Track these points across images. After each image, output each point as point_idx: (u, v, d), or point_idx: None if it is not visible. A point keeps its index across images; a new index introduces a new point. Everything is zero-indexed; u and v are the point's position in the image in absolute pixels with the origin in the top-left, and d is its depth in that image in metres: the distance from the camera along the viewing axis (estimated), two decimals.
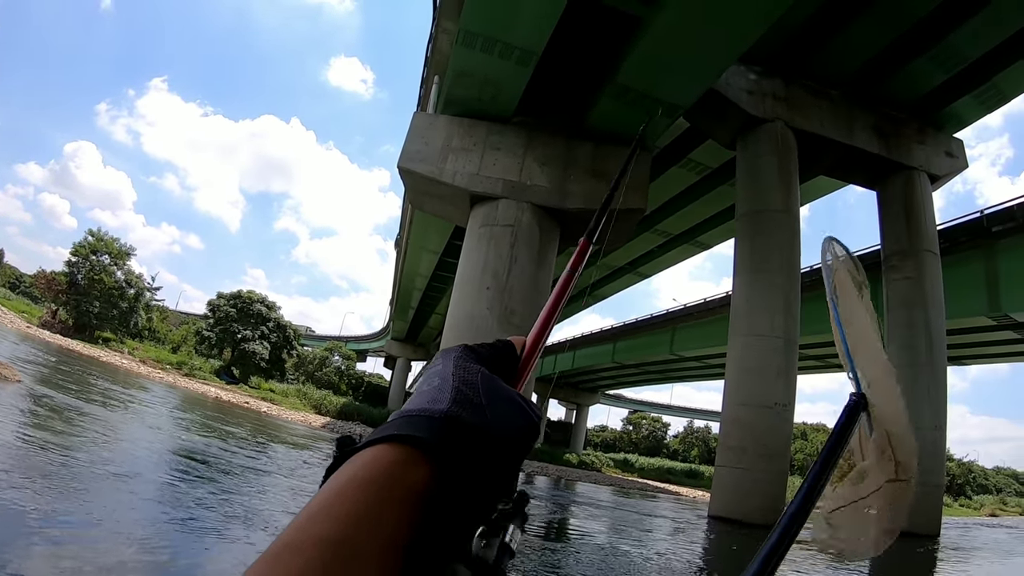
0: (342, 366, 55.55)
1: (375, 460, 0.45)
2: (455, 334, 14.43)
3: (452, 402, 0.50)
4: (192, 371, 39.63)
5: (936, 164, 18.12)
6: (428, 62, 17.17)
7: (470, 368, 0.55)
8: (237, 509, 7.90)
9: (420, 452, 0.45)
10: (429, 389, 0.53)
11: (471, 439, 0.48)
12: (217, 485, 9.45)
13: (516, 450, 0.51)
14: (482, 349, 0.61)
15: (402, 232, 32.88)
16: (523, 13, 12.64)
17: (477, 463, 0.47)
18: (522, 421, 0.52)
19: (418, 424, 0.47)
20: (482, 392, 0.52)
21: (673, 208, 23.99)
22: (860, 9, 14.50)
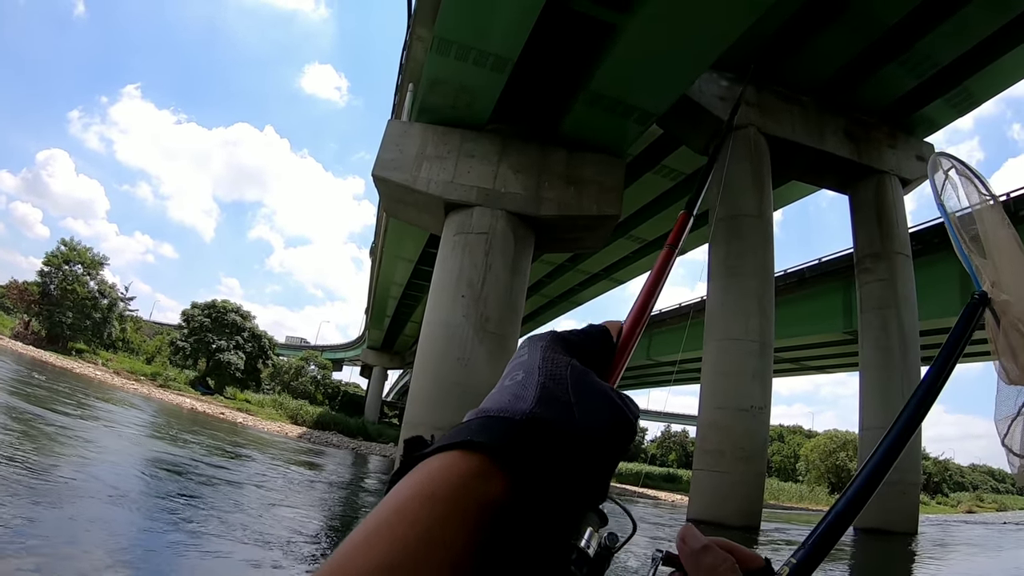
0: (318, 375, 55.40)
1: (443, 471, 0.40)
2: (430, 342, 14.40)
3: (536, 401, 0.45)
4: (167, 382, 39.34)
5: (907, 168, 18.32)
6: (403, 69, 17.15)
7: (558, 360, 0.51)
8: (214, 524, 7.83)
9: (496, 461, 0.41)
10: (512, 384, 0.49)
11: (557, 445, 0.43)
12: (194, 498, 9.37)
13: (609, 454, 0.46)
14: (574, 336, 0.57)
15: (377, 240, 32.78)
16: (497, 20, 12.64)
17: (563, 473, 0.42)
18: (617, 420, 0.47)
19: (496, 428, 0.43)
20: (571, 388, 0.47)
21: (648, 214, 24.07)
22: (831, 17, 14.66)
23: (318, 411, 44.46)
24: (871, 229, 17.52)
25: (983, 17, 14.38)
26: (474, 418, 0.45)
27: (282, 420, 39.48)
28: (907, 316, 16.56)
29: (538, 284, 33.92)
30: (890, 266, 16.93)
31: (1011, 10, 14.23)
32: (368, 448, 35.73)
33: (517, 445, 0.41)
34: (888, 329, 16.51)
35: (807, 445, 57.15)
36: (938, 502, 56.03)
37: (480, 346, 13.90)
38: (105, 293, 43.51)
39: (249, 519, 8.56)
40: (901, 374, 15.93)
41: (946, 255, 19.99)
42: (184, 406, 33.37)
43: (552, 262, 30.49)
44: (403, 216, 17.10)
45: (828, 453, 52.65)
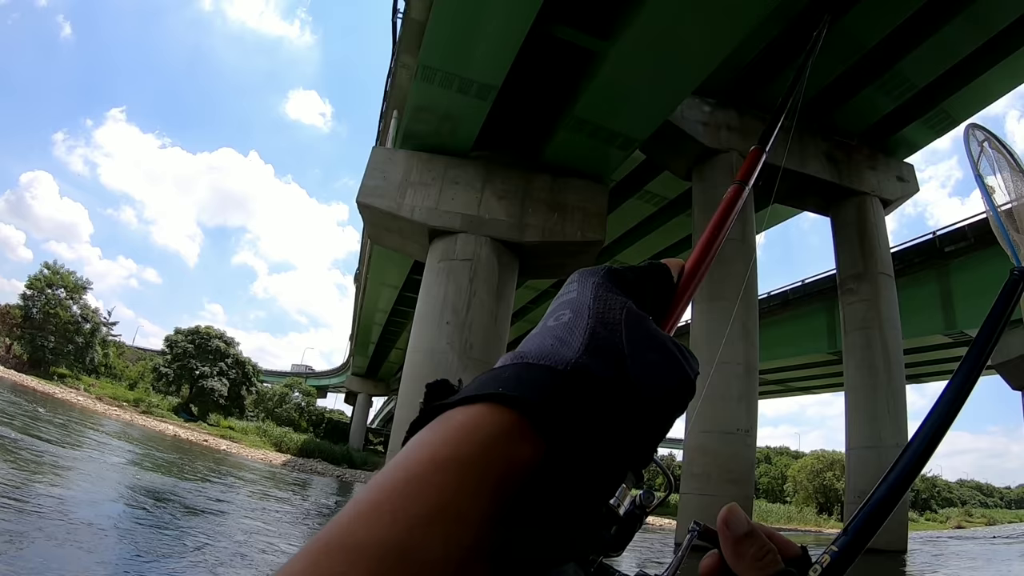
0: (302, 402, 54.77)
1: (466, 429, 0.35)
2: (415, 369, 14.34)
3: (584, 349, 0.39)
4: (149, 408, 38.88)
5: (888, 189, 18.53)
6: (387, 96, 17.22)
7: (612, 301, 0.44)
8: (197, 555, 7.69)
9: (531, 421, 0.35)
10: (557, 325, 0.43)
11: (605, 404, 0.37)
12: (176, 529, 9.22)
13: (663, 416, 0.40)
14: (630, 274, 0.50)
15: (361, 267, 32.75)
16: (481, 48, 12.75)
17: (609, 437, 0.37)
18: (675, 378, 0.41)
19: (535, 380, 0.37)
20: (626, 336, 0.41)
21: (631, 239, 24.16)
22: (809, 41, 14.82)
23: (302, 438, 44.02)
24: (853, 250, 17.67)
25: (961, 37, 14.64)
26: (508, 363, 0.40)
27: (266, 447, 39.01)
28: (891, 336, 16.66)
29: (523, 310, 33.88)
30: (873, 287, 17.05)
31: (989, 29, 14.50)
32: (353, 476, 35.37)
33: (558, 402, 0.36)
34: (872, 349, 16.60)
35: (794, 466, 57.18)
36: (927, 518, 56.05)
37: (465, 373, 13.81)
38: (88, 318, 43.15)
39: (234, 550, 8.42)
40: (886, 393, 16.02)
41: (928, 275, 20.27)
42: (167, 433, 32.99)
43: (537, 288, 30.53)
44: (387, 243, 17.08)
45: (815, 473, 52.60)
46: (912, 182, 19.45)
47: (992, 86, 16.70)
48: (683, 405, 0.42)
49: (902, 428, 15.97)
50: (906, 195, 19.28)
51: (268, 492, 17.62)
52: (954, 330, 20.88)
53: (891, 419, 15.80)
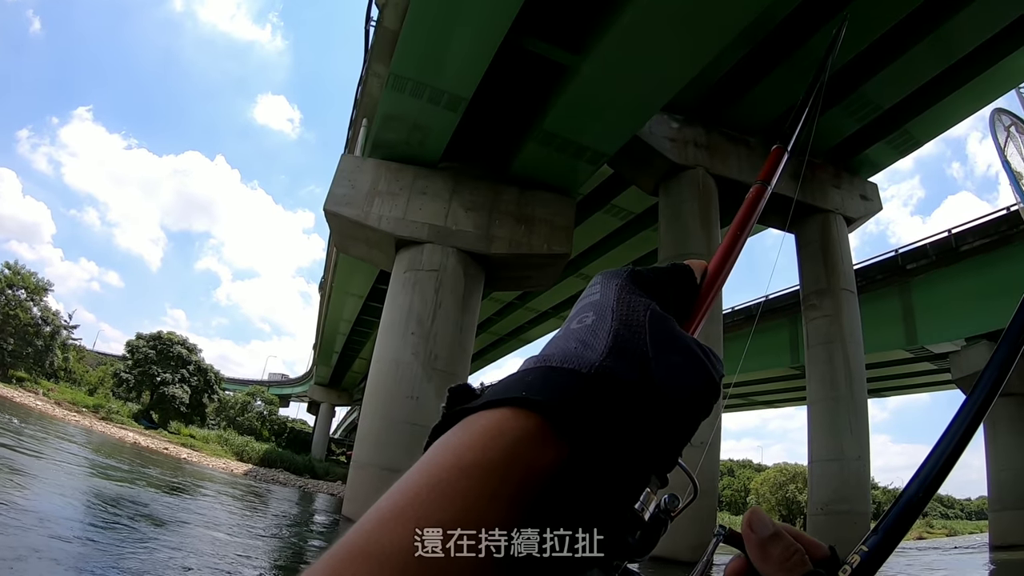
0: (264, 411, 54.07)
1: (490, 434, 0.35)
2: (379, 380, 14.23)
3: (608, 351, 0.39)
4: (109, 415, 37.96)
5: (851, 207, 18.83)
6: (357, 104, 17.14)
7: (636, 302, 0.44)
8: (159, 567, 7.52)
9: (554, 426, 0.35)
10: (580, 328, 0.43)
11: (630, 408, 0.37)
12: (137, 539, 9.01)
13: (688, 419, 0.40)
14: (653, 275, 0.50)
15: (326, 275, 32.53)
16: (453, 59, 12.81)
17: (634, 440, 0.36)
18: (700, 380, 0.41)
19: (558, 383, 0.37)
20: (650, 337, 0.41)
21: (597, 252, 24.27)
22: (778, 61, 15.06)
23: (264, 448, 43.37)
24: (817, 267, 17.91)
25: (926, 60, 14.94)
26: (532, 367, 0.39)
27: (227, 456, 38.39)
28: (853, 351, 16.87)
29: (487, 322, 33.88)
30: (835, 302, 17.28)
31: (953, 54, 14.83)
32: (315, 486, 34.96)
33: (582, 406, 0.36)
34: (834, 364, 16.80)
35: (757, 479, 57.88)
36: None
37: (429, 384, 13.78)
38: (48, 320, 42.12)
39: (193, 560, 8.26)
40: (848, 407, 16.21)
41: (890, 291, 20.63)
42: (127, 440, 32.32)
43: (501, 300, 30.55)
44: (354, 252, 16.98)
45: (778, 486, 53.35)
46: (875, 201, 19.79)
47: (955, 109, 17.05)
48: (709, 407, 0.42)
49: (863, 441, 16.19)
50: (869, 213, 19.61)
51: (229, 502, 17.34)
52: (915, 345, 21.26)
53: (852, 432, 16.01)
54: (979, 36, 14.34)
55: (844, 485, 15.55)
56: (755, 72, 15.71)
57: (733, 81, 16.19)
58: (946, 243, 19.54)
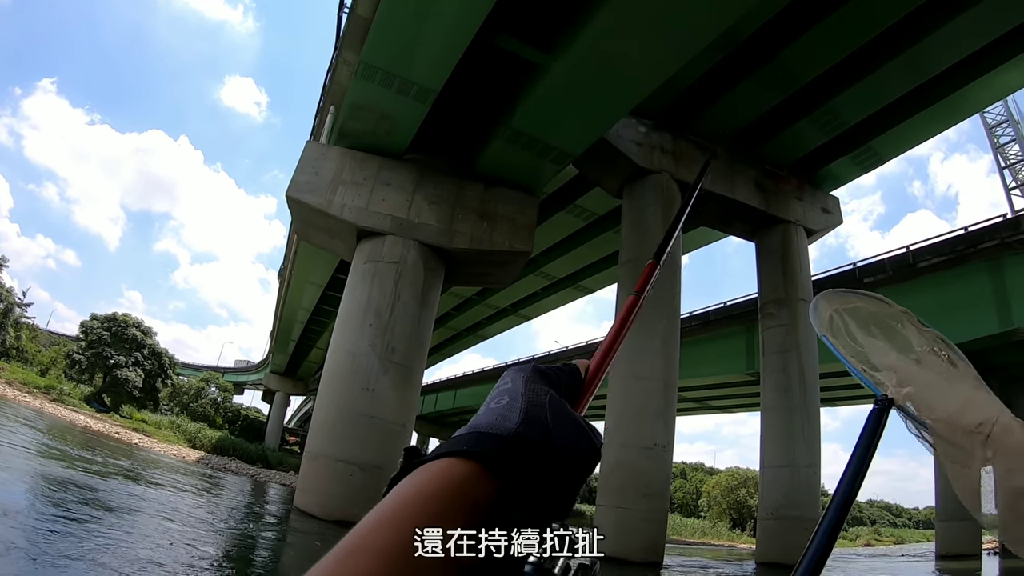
0: (218, 398, 53.02)
1: (442, 473, 0.46)
2: (335, 370, 14.12)
3: (521, 422, 0.51)
4: (61, 396, 36.70)
5: (813, 219, 19.12)
6: (326, 91, 16.94)
7: (539, 390, 0.56)
8: (105, 555, 7.33)
9: (487, 469, 0.46)
10: (499, 407, 0.54)
11: (537, 459, 0.48)
12: (82, 524, 8.78)
13: (578, 473, 0.51)
14: (551, 371, 0.62)
15: (286, 263, 32.20)
16: (424, 51, 12.73)
17: (541, 483, 0.48)
18: (586, 445, 0.53)
19: (488, 441, 0.48)
20: (549, 414, 0.53)
21: (558, 252, 24.35)
22: (748, 72, 15.20)
23: (217, 435, 42.32)
24: (775, 276, 18.17)
25: (895, 79, 15.16)
26: (467, 433, 0.50)
27: (179, 443, 37.37)
28: (807, 360, 17.12)
29: (446, 316, 33.86)
30: (792, 312, 17.53)
31: (923, 74, 15.07)
32: (268, 476, 34.43)
33: (505, 457, 0.47)
34: (789, 372, 17.03)
35: (709, 482, 58.52)
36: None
37: (385, 376, 13.71)
38: (2, 297, 40.78)
39: (142, 549, 8.08)
40: (801, 415, 16.45)
41: None
42: (78, 423, 31.43)
43: (461, 295, 30.57)
44: (315, 240, 16.83)
45: (729, 490, 54.02)
46: (836, 214, 20.13)
47: (920, 129, 17.39)
48: (592, 468, 0.53)
49: (815, 449, 16.45)
50: (830, 226, 19.94)
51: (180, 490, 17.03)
52: None
53: (805, 440, 16.26)
54: (948, 59, 14.57)
55: (795, 491, 15.79)
56: (723, 83, 15.85)
57: (702, 90, 16.31)
58: (904, 259, 19.87)
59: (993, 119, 41.99)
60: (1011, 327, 17.24)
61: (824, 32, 13.77)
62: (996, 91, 16.51)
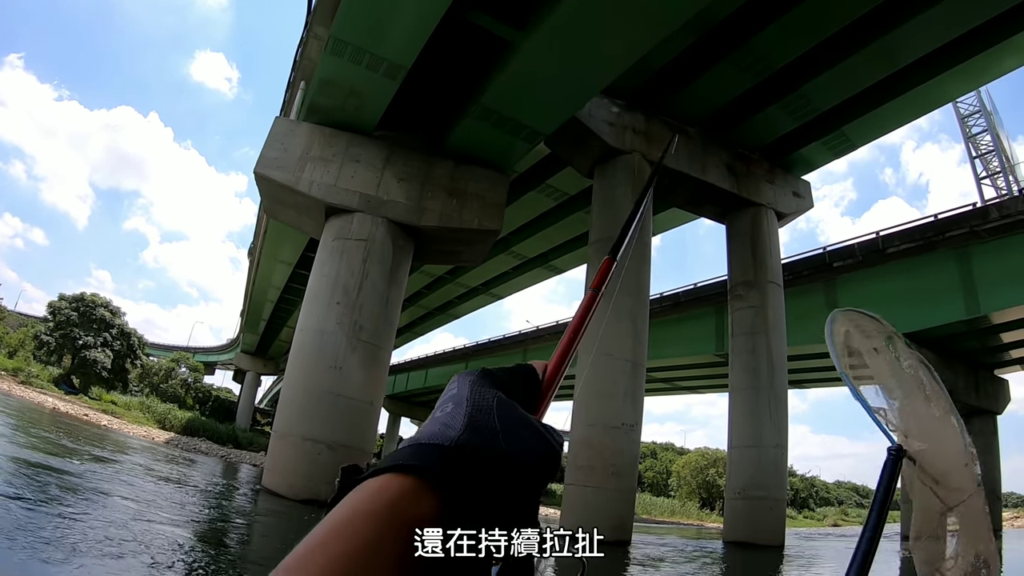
0: (189, 378, 52.52)
1: (379, 491, 0.42)
2: (303, 349, 14.03)
3: (464, 429, 0.48)
4: (29, 379, 36.12)
5: (783, 203, 19.26)
6: (296, 67, 16.71)
7: (485, 393, 0.53)
8: (72, 537, 7.20)
9: (427, 482, 0.43)
10: (442, 415, 0.51)
11: (483, 467, 0.45)
12: (50, 507, 8.63)
13: (533, 478, 0.48)
14: (500, 373, 0.59)
15: (256, 241, 31.89)
16: (396, 26, 12.58)
17: (488, 493, 0.45)
18: (540, 447, 0.50)
19: (426, 453, 0.45)
20: (497, 417, 0.50)
21: (529, 232, 24.36)
22: (722, 55, 15.20)
23: (187, 416, 41.86)
24: (745, 258, 18.31)
25: (868, 67, 15.24)
26: (406, 446, 0.47)
27: (149, 424, 37.03)
28: (776, 342, 17.32)
29: (417, 295, 33.85)
30: (761, 294, 17.70)
31: (895, 62, 15.17)
32: (238, 456, 34.23)
33: (446, 468, 0.44)
34: (757, 353, 17.22)
35: (679, 462, 59.17)
36: (805, 516, 59.11)
37: (353, 354, 13.65)
38: None
39: (112, 531, 7.97)
40: (768, 395, 16.67)
41: (816, 287, 21.23)
42: (46, 405, 30.99)
43: (432, 274, 30.52)
44: (283, 217, 16.65)
45: (699, 470, 54.73)
46: (807, 198, 20.31)
47: (892, 116, 17.56)
48: (552, 470, 0.50)
49: (782, 430, 16.69)
50: (800, 210, 20.12)
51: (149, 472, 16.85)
52: None
53: (772, 421, 16.49)
54: (922, 49, 14.68)
55: (761, 472, 16.00)
56: (697, 64, 15.85)
57: (676, 71, 16.29)
58: (874, 244, 20.09)
59: (966, 109, 42.45)
60: (977, 314, 17.55)
61: (797, 18, 13.81)
62: (968, 81, 16.70)
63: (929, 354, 20.98)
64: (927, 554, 1.15)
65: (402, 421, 60.10)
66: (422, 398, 54.82)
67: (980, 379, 23.55)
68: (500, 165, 16.31)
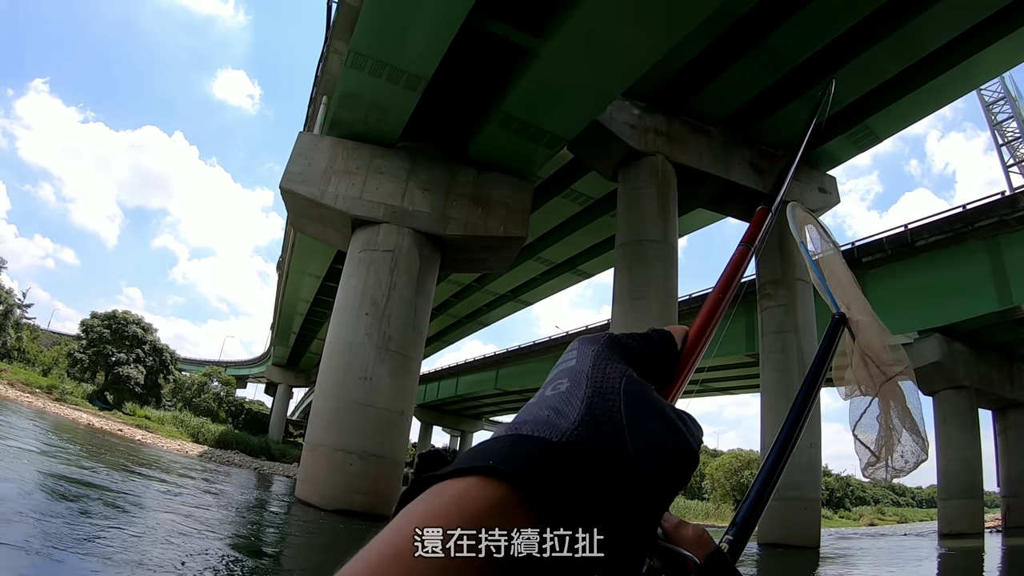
0: (221, 392, 53.11)
1: (454, 504, 0.32)
2: (333, 360, 14.13)
3: (580, 420, 0.37)
4: (63, 396, 36.69)
5: (810, 199, 19.02)
6: (318, 82, 16.91)
7: (611, 370, 0.43)
8: (110, 551, 7.32)
9: (523, 494, 0.33)
10: (554, 395, 0.41)
11: (601, 478, 0.35)
12: (89, 521, 8.79)
13: (664, 489, 0.37)
14: (632, 341, 0.50)
15: (284, 255, 32.21)
16: (414, 38, 12.70)
17: (606, 511, 0.34)
18: (675, 445, 0.39)
19: (526, 452, 0.35)
20: (624, 406, 0.39)
21: (555, 237, 24.30)
22: (741, 53, 15.09)
23: (220, 429, 42.52)
24: (773, 257, 18.09)
25: (889, 58, 15.02)
26: (503, 434, 0.37)
27: (183, 438, 37.60)
28: (805, 340, 17.11)
29: (445, 304, 33.83)
30: (790, 292, 17.50)
31: (916, 53, 14.92)
32: (271, 468, 34.61)
33: (550, 475, 0.34)
34: (787, 352, 17.03)
35: (712, 464, 58.60)
36: (841, 516, 58.31)
37: (382, 365, 13.72)
38: (1, 299, 40.67)
39: (147, 546, 8.08)
40: None
41: None
42: (80, 421, 31.53)
43: (459, 282, 30.50)
44: (309, 231, 16.81)
45: (733, 472, 54.21)
46: (833, 194, 20.04)
47: (915, 107, 17.27)
48: (686, 476, 0.39)
49: (815, 429, 16.47)
50: (827, 206, 19.85)
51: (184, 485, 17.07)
52: None
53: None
54: (941, 37, 14.43)
55: (796, 472, 15.75)
56: (717, 63, 15.74)
57: (695, 71, 16.19)
58: (902, 238, 19.82)
59: (990, 96, 41.78)
60: (1010, 305, 17.21)
61: (814, 12, 13.66)
62: (991, 69, 16.40)
63: (962, 347, 20.87)
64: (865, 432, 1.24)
65: (434, 430, 60.17)
66: (453, 406, 54.95)
67: (1015, 371, 23.09)
68: (523, 171, 16.33)
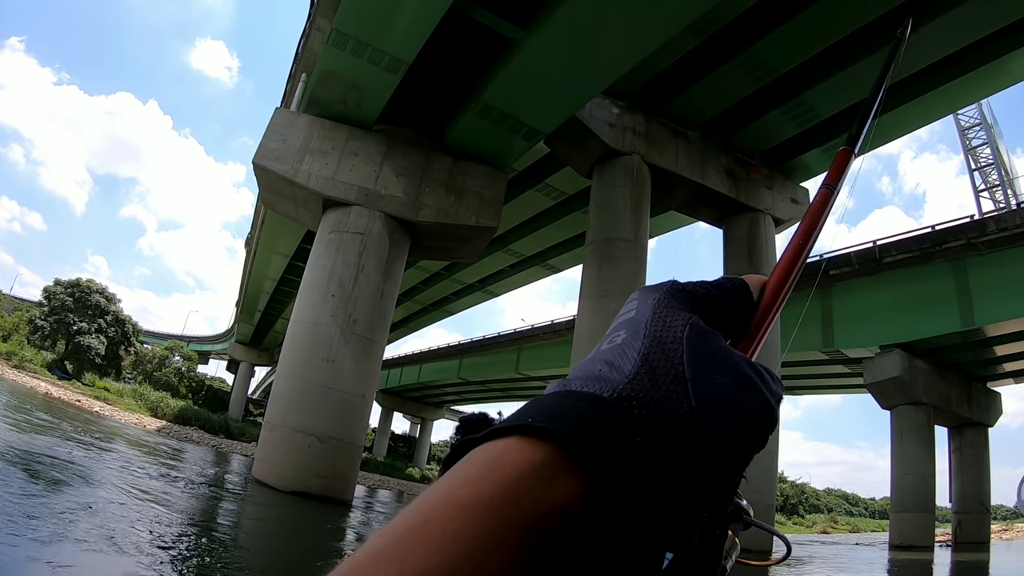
0: (183, 367, 52.21)
1: (494, 466, 0.29)
2: (296, 340, 14.03)
3: (635, 373, 0.34)
4: (22, 363, 35.93)
5: (781, 209, 19.20)
6: (298, 58, 16.68)
7: (674, 319, 0.38)
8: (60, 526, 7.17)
9: (570, 456, 0.30)
10: (609, 348, 0.37)
11: (660, 437, 0.31)
12: (37, 496, 8.59)
13: (737, 452, 0.34)
14: (700, 289, 0.44)
15: (253, 231, 31.81)
16: (398, 21, 12.60)
17: (662, 474, 0.31)
18: (750, 403, 0.35)
19: (574, 409, 0.32)
20: (687, 356, 0.35)
21: (526, 230, 24.32)
22: (725, 59, 15.16)
23: (180, 404, 41.87)
24: (742, 263, 18.22)
25: (871, 76, 15.03)
26: (552, 391, 0.35)
27: (141, 412, 36.91)
28: (769, 348, 17.18)
29: (412, 290, 33.80)
30: None
31: (899, 72, 15.06)
32: (230, 446, 34.22)
33: (600, 435, 0.30)
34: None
35: None
36: (794, 523, 59.26)
37: (346, 348, 13.64)
38: None
39: (99, 521, 7.93)
40: None
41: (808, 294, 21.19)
42: (39, 390, 30.87)
43: (427, 269, 30.50)
44: (280, 209, 16.63)
45: None
46: (805, 205, 20.16)
47: (893, 126, 17.43)
48: (763, 435, 0.36)
49: (774, 437, 16.52)
50: (798, 217, 20.02)
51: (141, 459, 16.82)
52: (831, 348, 21.92)
53: None
54: (924, 59, 14.62)
55: (752, 477, 15.86)
56: (700, 67, 15.80)
57: (677, 75, 16.24)
58: (870, 253, 20.13)
59: (966, 121, 42.45)
60: (972, 326, 17.57)
61: (801, 25, 13.77)
62: (972, 92, 16.63)
63: (923, 364, 21.27)
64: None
65: (395, 416, 60.01)
66: (415, 393, 54.73)
67: (973, 391, 23.60)
68: (498, 163, 16.31)
